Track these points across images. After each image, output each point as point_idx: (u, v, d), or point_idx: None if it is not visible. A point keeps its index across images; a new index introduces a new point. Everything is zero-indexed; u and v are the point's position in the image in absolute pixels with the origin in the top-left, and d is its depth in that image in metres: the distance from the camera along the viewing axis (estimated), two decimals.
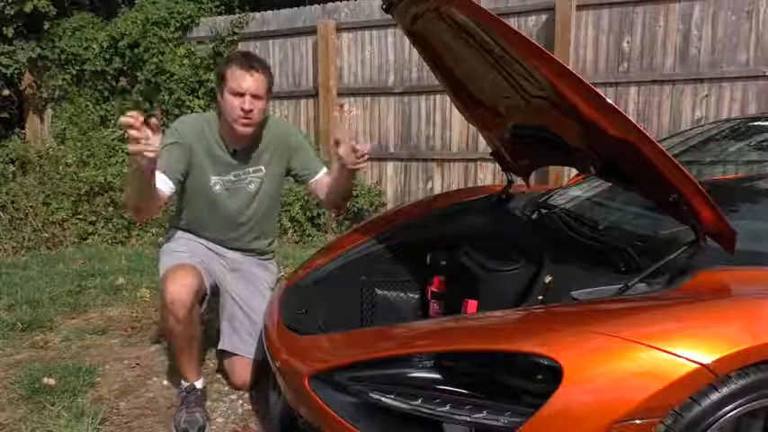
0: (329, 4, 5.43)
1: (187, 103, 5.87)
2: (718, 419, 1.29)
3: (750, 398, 1.30)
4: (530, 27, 4.61)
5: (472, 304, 1.93)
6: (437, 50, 2.12)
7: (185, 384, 2.18)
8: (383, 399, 1.45)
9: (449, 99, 2.90)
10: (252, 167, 2.33)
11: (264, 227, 2.47)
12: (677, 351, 1.26)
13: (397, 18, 2.05)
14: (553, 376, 1.29)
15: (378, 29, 5.19)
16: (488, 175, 4.92)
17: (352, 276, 2.32)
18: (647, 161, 1.49)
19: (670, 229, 1.78)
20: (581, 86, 1.46)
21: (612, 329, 1.34)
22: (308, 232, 5.12)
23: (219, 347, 2.33)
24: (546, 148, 2.16)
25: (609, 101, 1.46)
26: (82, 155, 6.07)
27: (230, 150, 2.29)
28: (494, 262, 2.00)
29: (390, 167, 5.36)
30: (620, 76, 4.38)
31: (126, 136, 1.72)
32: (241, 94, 2.11)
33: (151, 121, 1.74)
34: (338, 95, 5.42)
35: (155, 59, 5.94)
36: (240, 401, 2.30)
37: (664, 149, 1.43)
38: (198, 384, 2.18)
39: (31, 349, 2.82)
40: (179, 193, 2.29)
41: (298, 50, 5.62)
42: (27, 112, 6.95)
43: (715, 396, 1.28)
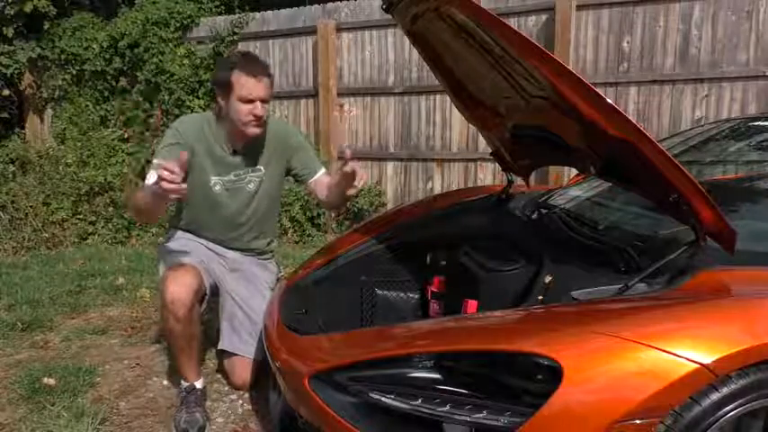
0: (329, 4, 5.43)
1: (187, 103, 5.87)
2: (719, 419, 1.29)
3: (750, 398, 1.30)
4: (530, 27, 4.61)
5: (472, 304, 1.93)
6: (437, 50, 2.12)
7: (185, 384, 2.18)
8: (383, 399, 1.45)
9: (449, 99, 2.89)
10: (251, 167, 2.34)
11: (264, 226, 2.47)
12: (677, 351, 1.26)
13: (397, 18, 2.05)
14: (553, 376, 1.29)
15: (378, 29, 5.19)
16: (488, 175, 4.91)
17: (352, 276, 2.32)
18: (647, 161, 1.49)
19: (670, 229, 1.78)
20: (581, 86, 1.46)
21: (612, 329, 1.34)
22: (308, 232, 5.13)
23: (219, 347, 2.33)
24: (546, 148, 2.16)
25: (609, 101, 1.46)
26: (82, 155, 6.07)
27: (230, 150, 2.29)
28: (494, 262, 2.00)
29: (390, 167, 5.36)
30: (620, 76, 4.38)
31: (126, 136, 1.72)
32: (251, 100, 2.14)
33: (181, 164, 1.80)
34: (338, 95, 5.42)
35: (155, 59, 5.94)
36: (240, 401, 2.30)
37: (664, 149, 1.43)
38: (198, 384, 2.19)
39: (31, 349, 2.82)
40: None
41: (298, 50, 5.62)
42: (27, 112, 6.95)
43: (715, 396, 1.28)
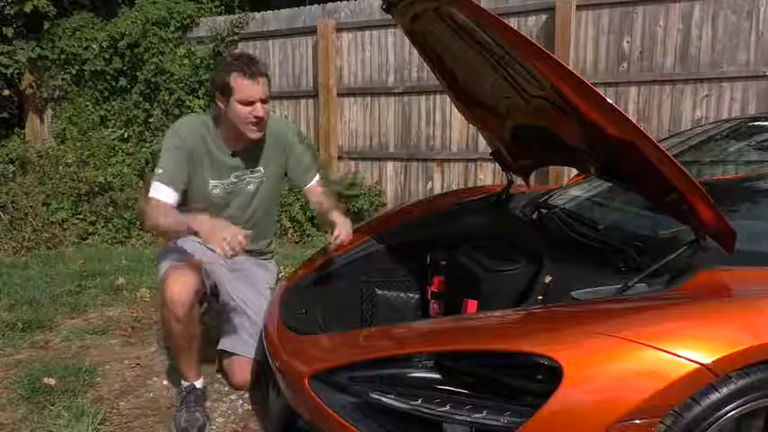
0: (329, 4, 5.43)
1: (187, 103, 5.87)
2: (718, 419, 1.29)
3: (750, 398, 1.30)
4: (530, 27, 4.61)
5: (472, 304, 1.93)
6: (437, 50, 2.12)
7: (185, 384, 2.18)
8: (383, 399, 1.45)
9: (449, 99, 2.90)
10: (251, 168, 2.34)
11: (263, 228, 2.47)
12: (677, 351, 1.26)
13: (397, 18, 2.06)
14: (553, 376, 1.29)
15: (378, 29, 5.19)
16: (488, 175, 4.91)
17: (352, 276, 2.32)
18: (647, 161, 1.49)
19: (670, 229, 1.78)
20: (581, 86, 1.46)
21: (612, 329, 1.34)
22: (307, 232, 5.13)
23: (219, 347, 2.33)
24: (546, 148, 2.16)
25: (609, 101, 1.46)
26: (82, 155, 6.07)
27: (230, 152, 2.29)
28: (494, 262, 2.00)
29: (390, 167, 5.36)
30: (620, 76, 4.38)
31: (126, 135, 1.73)
32: (251, 102, 2.14)
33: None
34: (338, 95, 5.42)
35: (155, 59, 5.93)
36: (240, 401, 2.29)
37: (664, 149, 1.43)
38: (198, 384, 2.19)
39: (31, 349, 2.82)
40: None
41: (298, 50, 5.62)
42: (27, 112, 6.94)
43: (715, 396, 1.28)
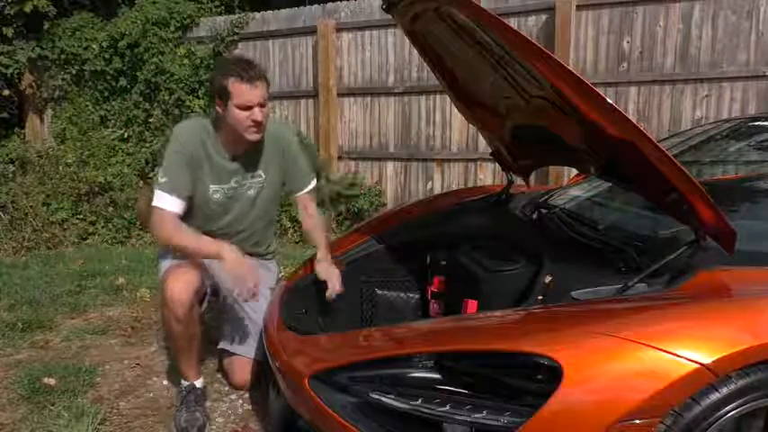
0: (329, 4, 5.43)
1: (187, 103, 5.86)
2: (718, 419, 1.29)
3: (750, 398, 1.30)
4: (530, 27, 4.61)
5: (472, 304, 1.93)
6: (437, 50, 2.12)
7: (185, 384, 2.18)
8: (383, 399, 1.45)
9: (449, 99, 2.89)
10: (252, 173, 2.31)
11: (264, 232, 2.46)
12: (677, 351, 1.26)
13: (397, 18, 2.05)
14: (553, 376, 1.29)
15: (378, 29, 5.18)
16: (488, 175, 4.91)
17: (352, 276, 2.32)
18: (647, 161, 1.49)
19: (670, 229, 1.78)
20: (581, 86, 1.46)
21: (612, 329, 1.34)
22: None
23: (219, 347, 2.33)
24: (546, 148, 2.16)
25: (609, 101, 1.46)
26: (82, 155, 6.07)
27: (230, 157, 2.26)
28: (494, 262, 2.00)
29: (390, 167, 5.35)
30: (620, 76, 4.38)
31: (126, 135, 1.72)
32: (250, 107, 2.11)
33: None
34: (338, 95, 5.42)
35: (155, 59, 5.93)
36: (240, 401, 2.29)
37: (664, 149, 1.43)
38: (198, 384, 2.19)
39: (31, 349, 2.82)
40: None
41: (298, 50, 5.62)
42: (27, 112, 6.94)
43: (715, 396, 1.28)
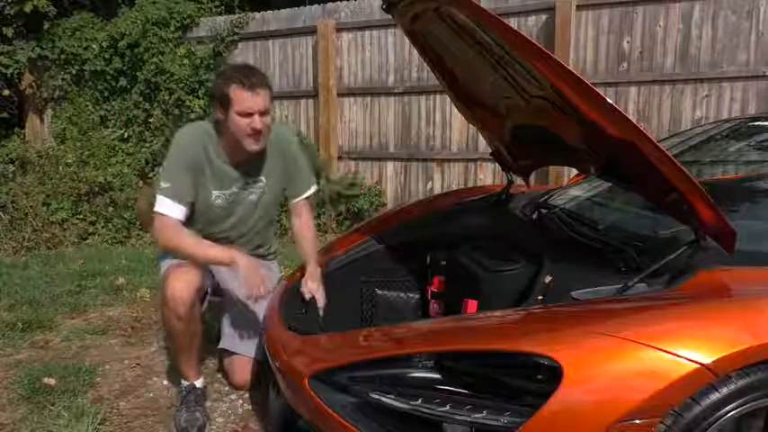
0: (329, 4, 5.43)
1: (187, 103, 5.86)
2: (718, 419, 1.29)
3: (750, 398, 1.30)
4: (530, 27, 4.61)
5: (472, 304, 1.93)
6: (437, 50, 2.12)
7: (185, 384, 2.18)
8: (383, 399, 1.45)
9: (449, 99, 2.89)
10: (254, 178, 2.30)
11: (265, 234, 2.46)
12: (677, 351, 1.26)
13: (397, 18, 2.05)
14: (553, 376, 1.29)
15: (378, 29, 5.19)
16: (488, 175, 4.91)
17: (352, 276, 2.32)
18: (647, 161, 1.49)
19: (670, 229, 1.78)
20: (581, 86, 1.46)
21: (612, 329, 1.34)
22: None
23: (220, 347, 2.33)
24: (546, 148, 2.16)
25: (609, 101, 1.46)
26: (82, 155, 6.07)
27: (232, 163, 2.24)
28: (494, 262, 2.00)
29: (390, 167, 5.35)
30: (620, 76, 4.38)
31: (126, 135, 1.72)
32: (250, 114, 2.08)
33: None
34: (338, 95, 5.42)
35: (155, 59, 5.94)
36: (240, 401, 2.29)
37: (664, 149, 1.43)
38: (198, 384, 2.19)
39: (31, 349, 2.82)
40: None
41: (298, 50, 5.62)
42: (27, 112, 6.95)
43: (715, 396, 1.28)
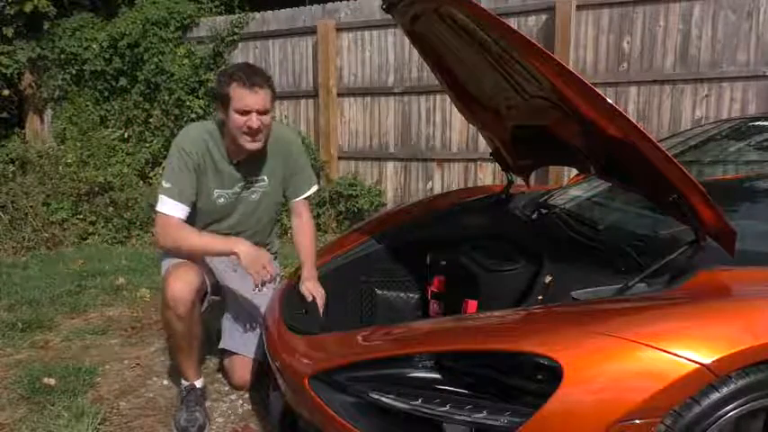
0: (329, 4, 5.43)
1: (187, 103, 5.86)
2: (718, 419, 1.29)
3: (750, 398, 1.30)
4: (530, 27, 4.61)
5: (472, 304, 1.93)
6: (437, 50, 2.12)
7: (185, 384, 2.18)
8: (383, 399, 1.45)
9: (449, 99, 2.89)
10: (255, 177, 2.30)
11: (266, 233, 2.47)
12: (677, 351, 1.26)
13: (397, 18, 2.05)
14: (553, 376, 1.29)
15: (378, 29, 5.18)
16: (488, 175, 4.91)
17: (352, 276, 2.32)
18: (647, 161, 1.49)
19: (670, 229, 1.78)
20: (581, 86, 1.46)
21: (612, 329, 1.34)
22: None
23: (220, 347, 2.33)
24: (546, 148, 2.16)
25: (609, 101, 1.46)
26: (82, 155, 6.07)
27: (234, 162, 2.25)
28: (494, 262, 2.00)
29: (390, 167, 5.35)
30: (620, 76, 4.38)
31: (126, 135, 1.72)
32: (247, 112, 2.07)
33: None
34: (338, 95, 5.42)
35: (155, 59, 5.93)
36: (240, 401, 2.29)
37: (664, 149, 1.43)
38: (198, 384, 2.19)
39: (31, 349, 2.82)
40: None
41: (298, 50, 5.62)
42: (27, 112, 6.95)
43: (715, 396, 1.28)
